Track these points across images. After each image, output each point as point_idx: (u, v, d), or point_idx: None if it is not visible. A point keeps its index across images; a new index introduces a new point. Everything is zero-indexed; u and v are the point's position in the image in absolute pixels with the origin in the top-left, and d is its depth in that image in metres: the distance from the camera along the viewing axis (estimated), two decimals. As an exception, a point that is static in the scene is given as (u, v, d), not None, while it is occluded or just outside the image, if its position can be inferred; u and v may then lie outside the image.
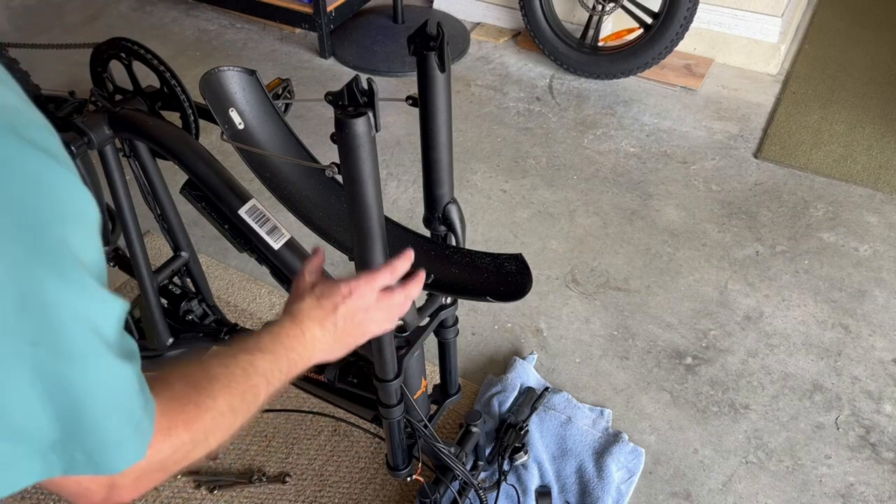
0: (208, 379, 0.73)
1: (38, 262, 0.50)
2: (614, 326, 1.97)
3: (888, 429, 1.73)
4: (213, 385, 0.73)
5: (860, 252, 2.17)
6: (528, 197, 2.38)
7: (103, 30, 3.29)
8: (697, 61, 2.96)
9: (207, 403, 0.70)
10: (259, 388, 0.78)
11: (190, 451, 0.68)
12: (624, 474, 1.62)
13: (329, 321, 0.90)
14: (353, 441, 1.70)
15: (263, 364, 0.80)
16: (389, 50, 3.08)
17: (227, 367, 0.76)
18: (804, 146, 2.57)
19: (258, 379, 0.79)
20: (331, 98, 0.86)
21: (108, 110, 1.24)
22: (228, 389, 0.74)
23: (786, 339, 1.93)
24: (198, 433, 0.68)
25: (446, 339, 1.39)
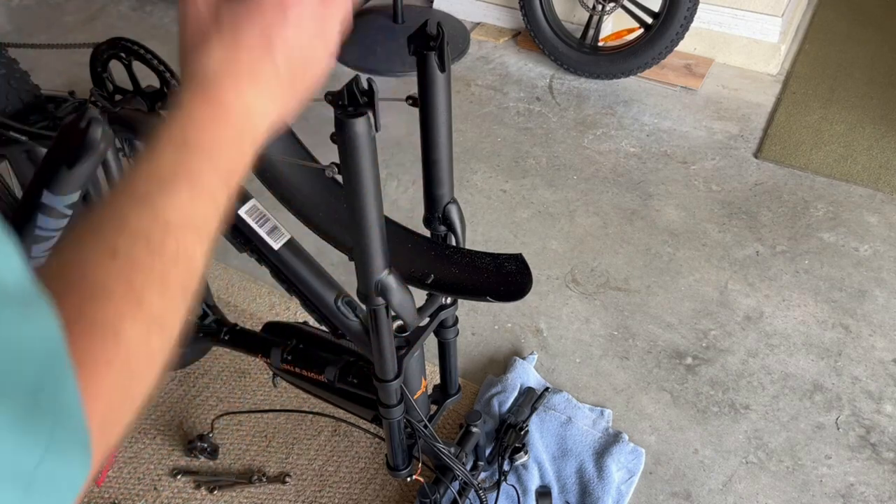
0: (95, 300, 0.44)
1: None
2: (614, 326, 1.97)
3: (888, 429, 1.73)
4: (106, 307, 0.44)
5: (860, 252, 2.17)
6: (528, 197, 2.38)
7: (103, 30, 3.28)
8: (697, 61, 2.96)
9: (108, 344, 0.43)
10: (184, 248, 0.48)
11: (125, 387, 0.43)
12: (624, 474, 1.62)
13: (265, 69, 0.55)
14: (353, 441, 1.70)
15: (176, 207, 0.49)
16: (389, 50, 3.08)
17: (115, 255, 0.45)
18: (804, 146, 2.56)
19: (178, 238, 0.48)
20: (331, 98, 0.86)
21: (107, 110, 1.24)
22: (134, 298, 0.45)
23: (786, 339, 1.93)
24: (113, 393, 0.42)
25: (446, 339, 1.39)
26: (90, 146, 0.95)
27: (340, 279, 1.22)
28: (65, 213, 1.02)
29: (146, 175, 0.50)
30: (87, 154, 0.95)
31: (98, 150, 0.95)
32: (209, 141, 0.52)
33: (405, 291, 1.07)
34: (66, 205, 1.01)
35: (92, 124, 0.94)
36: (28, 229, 1.02)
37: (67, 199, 1.01)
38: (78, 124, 0.95)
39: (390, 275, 1.03)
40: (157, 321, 0.46)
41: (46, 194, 0.99)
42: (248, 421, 1.73)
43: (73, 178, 0.98)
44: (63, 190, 0.99)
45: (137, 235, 0.47)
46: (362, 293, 1.06)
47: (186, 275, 0.49)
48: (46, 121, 1.37)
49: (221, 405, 1.77)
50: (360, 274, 1.04)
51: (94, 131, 0.95)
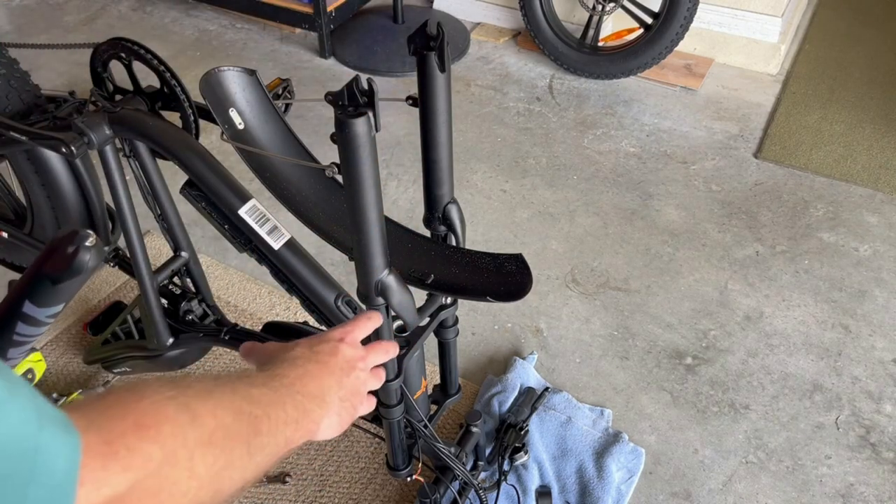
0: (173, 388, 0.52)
1: None
2: (614, 326, 1.97)
3: (888, 429, 1.73)
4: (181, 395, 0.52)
5: (860, 252, 2.17)
6: (528, 197, 2.38)
7: (103, 30, 3.29)
8: (697, 61, 2.96)
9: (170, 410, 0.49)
10: (260, 421, 0.58)
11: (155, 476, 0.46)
12: (624, 474, 1.62)
13: (336, 374, 0.72)
14: (353, 441, 1.70)
15: (260, 395, 0.61)
16: (389, 50, 3.08)
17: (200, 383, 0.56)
18: (804, 146, 2.57)
19: (256, 409, 0.58)
20: (331, 98, 0.86)
21: (108, 110, 1.24)
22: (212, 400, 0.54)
23: (786, 339, 1.93)
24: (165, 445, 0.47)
25: (446, 339, 1.39)
26: (77, 270, 0.93)
27: (340, 279, 1.22)
28: (45, 322, 1.02)
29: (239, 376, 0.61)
30: (73, 276, 0.94)
31: (86, 272, 0.94)
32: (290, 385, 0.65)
33: (405, 291, 1.07)
34: (48, 315, 1.01)
35: (81, 251, 0.93)
36: (6, 334, 1.02)
37: (50, 310, 1.00)
38: (66, 248, 0.93)
39: (390, 275, 1.03)
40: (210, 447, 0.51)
41: (28, 305, 0.99)
42: (248, 421, 1.73)
43: (57, 294, 0.97)
44: (46, 303, 0.98)
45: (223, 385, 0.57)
46: (362, 293, 1.06)
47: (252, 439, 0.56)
48: (47, 121, 1.37)
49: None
50: (360, 274, 1.04)
51: (83, 257, 0.93)
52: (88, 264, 0.91)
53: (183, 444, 0.48)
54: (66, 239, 0.93)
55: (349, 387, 0.73)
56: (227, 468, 0.53)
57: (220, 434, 0.52)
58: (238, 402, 0.57)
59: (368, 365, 0.79)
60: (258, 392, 0.61)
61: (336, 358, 0.73)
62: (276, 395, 0.63)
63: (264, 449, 0.58)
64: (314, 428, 0.68)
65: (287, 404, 0.63)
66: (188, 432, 0.49)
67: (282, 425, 0.61)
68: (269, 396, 0.62)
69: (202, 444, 0.50)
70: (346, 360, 0.74)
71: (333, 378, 0.71)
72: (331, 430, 0.71)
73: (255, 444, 0.56)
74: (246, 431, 0.56)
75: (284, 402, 0.63)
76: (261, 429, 0.58)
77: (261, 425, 0.58)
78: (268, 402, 0.61)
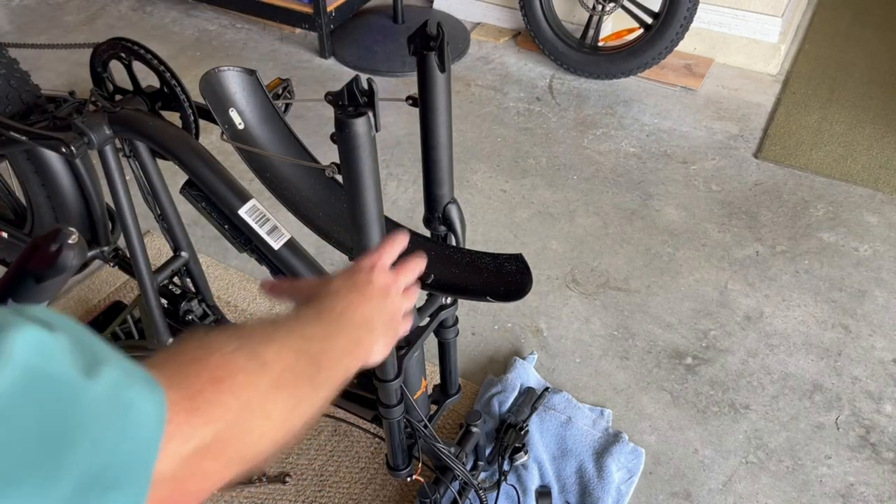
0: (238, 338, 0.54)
1: None
2: (614, 326, 1.97)
3: (888, 429, 1.73)
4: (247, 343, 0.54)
5: (860, 252, 2.17)
6: (528, 197, 2.38)
7: (103, 30, 3.28)
8: (697, 61, 2.96)
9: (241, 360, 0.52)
10: (320, 357, 0.61)
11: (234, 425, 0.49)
12: (624, 474, 1.62)
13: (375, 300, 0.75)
14: (353, 441, 1.70)
15: (315, 333, 0.63)
16: (389, 50, 3.08)
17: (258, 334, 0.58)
18: (804, 146, 2.57)
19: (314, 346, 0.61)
20: (331, 98, 0.86)
21: (108, 110, 1.24)
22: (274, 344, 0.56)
23: (786, 339, 1.93)
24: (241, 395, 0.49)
25: (446, 339, 1.39)
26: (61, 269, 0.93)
27: (340, 279, 1.22)
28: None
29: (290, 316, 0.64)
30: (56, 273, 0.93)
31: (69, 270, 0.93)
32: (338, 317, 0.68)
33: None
34: None
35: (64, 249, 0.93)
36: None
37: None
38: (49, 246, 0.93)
39: (390, 275, 1.03)
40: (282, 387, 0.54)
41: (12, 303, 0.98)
42: (248, 421, 1.73)
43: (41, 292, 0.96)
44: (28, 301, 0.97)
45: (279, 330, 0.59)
46: (362, 293, 1.06)
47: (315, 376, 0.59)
48: (47, 121, 1.36)
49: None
50: (360, 274, 1.04)
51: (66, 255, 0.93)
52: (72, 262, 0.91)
53: (256, 391, 0.51)
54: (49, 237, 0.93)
55: (388, 311, 0.77)
56: (296, 407, 0.56)
57: (286, 376, 0.55)
58: (297, 342, 0.60)
59: (401, 287, 0.82)
60: (312, 330, 0.64)
61: (372, 286, 0.76)
62: (330, 330, 0.66)
63: (327, 382, 0.62)
64: (367, 354, 0.72)
65: (340, 336, 0.67)
66: (259, 379, 0.52)
67: (339, 357, 0.65)
68: (324, 332, 0.65)
69: (273, 389, 0.53)
70: (381, 287, 0.77)
71: (374, 304, 0.74)
72: (380, 354, 0.75)
73: (318, 380, 0.60)
74: (309, 369, 0.59)
75: (338, 335, 0.67)
76: (322, 364, 0.61)
77: (321, 361, 0.61)
78: (323, 337, 0.64)
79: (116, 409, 0.38)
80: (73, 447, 0.36)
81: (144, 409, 0.41)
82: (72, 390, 0.36)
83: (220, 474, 0.49)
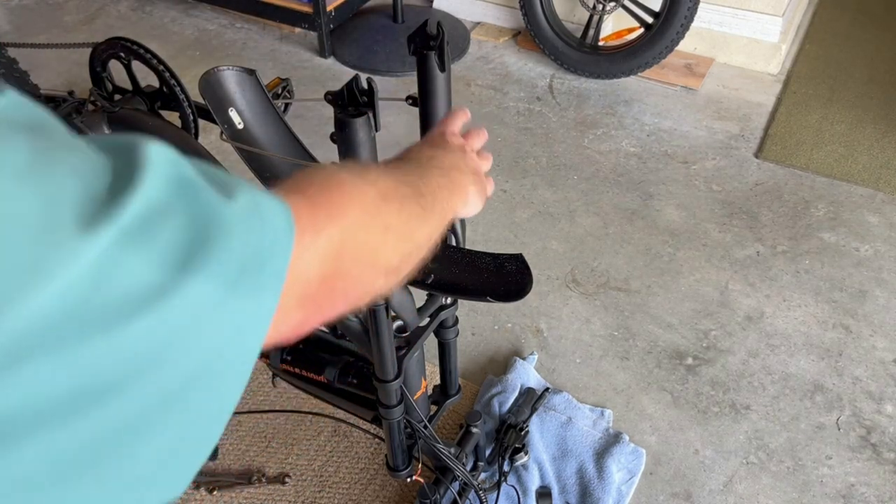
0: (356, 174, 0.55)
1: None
2: (615, 327, 1.96)
3: (889, 429, 1.73)
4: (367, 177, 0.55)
5: (861, 252, 2.17)
6: (528, 197, 2.38)
7: (102, 30, 3.28)
8: (698, 61, 2.96)
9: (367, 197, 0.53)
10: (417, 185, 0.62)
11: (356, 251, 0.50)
12: (624, 475, 1.62)
13: (458, 154, 0.77)
14: (353, 441, 1.69)
15: (407, 170, 0.66)
16: (389, 50, 3.07)
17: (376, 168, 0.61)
18: (805, 146, 2.56)
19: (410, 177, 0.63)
20: (331, 98, 0.86)
21: (107, 110, 1.24)
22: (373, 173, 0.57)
23: (786, 339, 1.92)
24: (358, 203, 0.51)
25: (446, 340, 1.38)
26: None
27: (340, 279, 1.22)
28: None
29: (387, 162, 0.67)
30: None
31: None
32: (428, 160, 0.70)
33: (405, 291, 1.07)
34: None
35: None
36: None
37: None
38: None
39: (390, 275, 1.03)
40: (404, 213, 0.57)
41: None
42: (247, 421, 1.73)
43: None
44: None
45: (389, 168, 0.62)
46: (362, 293, 1.06)
47: (429, 209, 0.61)
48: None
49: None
50: (359, 274, 1.03)
51: None
52: None
53: (367, 198, 0.53)
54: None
55: (472, 165, 0.78)
56: (409, 221, 0.58)
57: (392, 193, 0.57)
58: (396, 174, 0.61)
59: (475, 148, 0.84)
60: (405, 168, 0.66)
61: (449, 143, 0.78)
62: (422, 170, 0.68)
63: (434, 206, 0.62)
64: (463, 195, 0.73)
65: (434, 174, 0.68)
66: (368, 189, 0.54)
67: (436, 189, 0.65)
68: (416, 171, 0.67)
69: (382, 200, 0.55)
70: (459, 144, 0.79)
71: (457, 156, 0.76)
72: (476, 200, 0.76)
73: (423, 202, 0.61)
74: (412, 192, 0.60)
75: (431, 173, 0.68)
76: (423, 191, 0.62)
77: (421, 189, 0.62)
78: (417, 174, 0.65)
79: (255, 214, 0.40)
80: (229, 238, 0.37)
81: (276, 211, 0.42)
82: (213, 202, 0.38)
83: (362, 277, 0.51)
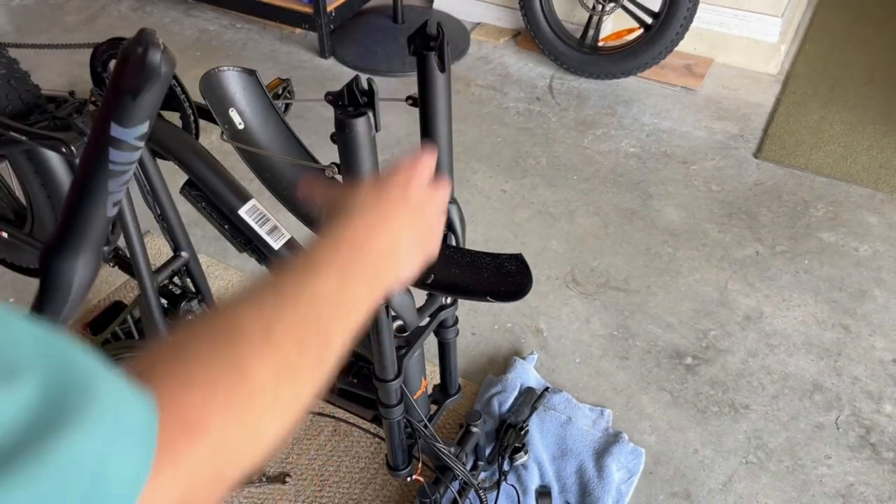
0: (228, 338, 0.46)
1: None
2: (614, 326, 1.97)
3: (888, 429, 1.73)
4: (237, 347, 0.46)
5: (860, 252, 2.17)
6: (528, 197, 2.38)
7: (103, 30, 3.28)
8: (697, 61, 2.96)
9: (233, 380, 0.44)
10: (330, 323, 0.54)
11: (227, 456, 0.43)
12: (624, 474, 1.62)
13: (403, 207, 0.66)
14: (353, 441, 1.70)
15: (325, 287, 0.55)
16: (389, 50, 3.08)
17: (262, 310, 0.50)
18: (804, 146, 2.56)
19: (325, 312, 0.53)
20: (331, 98, 0.86)
21: (108, 110, 1.24)
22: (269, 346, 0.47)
23: (786, 339, 1.93)
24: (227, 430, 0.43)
25: (446, 339, 1.39)
26: (151, 73, 0.90)
27: (340, 279, 1.22)
28: (136, 146, 1.00)
29: (301, 262, 0.57)
30: (150, 82, 0.91)
31: (160, 75, 0.91)
32: (359, 244, 0.60)
33: (405, 291, 1.07)
34: (136, 136, 0.99)
35: (150, 49, 0.90)
36: (101, 165, 1.00)
37: (136, 130, 0.98)
38: (135, 50, 0.90)
39: (390, 275, 1.03)
40: (288, 371, 0.48)
41: (115, 128, 0.96)
42: (248, 421, 1.73)
43: (140, 109, 0.94)
44: (131, 122, 0.95)
45: (286, 299, 0.52)
46: (362, 293, 1.06)
47: (324, 345, 0.53)
48: (47, 121, 1.36)
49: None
50: (360, 274, 1.03)
51: (153, 56, 0.90)
52: (160, 67, 0.88)
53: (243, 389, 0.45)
54: (132, 44, 0.90)
55: (421, 228, 0.69)
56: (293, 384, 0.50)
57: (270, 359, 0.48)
58: (303, 312, 0.52)
59: (438, 204, 0.73)
60: (322, 282, 0.55)
61: (407, 203, 0.67)
62: (346, 274, 0.58)
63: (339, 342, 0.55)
64: (389, 285, 0.64)
65: (357, 280, 0.59)
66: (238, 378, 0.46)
67: (355, 306, 0.58)
68: (337, 282, 0.56)
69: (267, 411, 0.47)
70: (417, 204, 0.69)
71: (405, 221, 0.66)
72: (405, 279, 0.68)
73: (327, 352, 0.54)
74: (316, 350, 0.52)
75: (355, 278, 0.58)
76: (332, 331, 0.54)
77: (332, 327, 0.54)
78: (336, 289, 0.56)
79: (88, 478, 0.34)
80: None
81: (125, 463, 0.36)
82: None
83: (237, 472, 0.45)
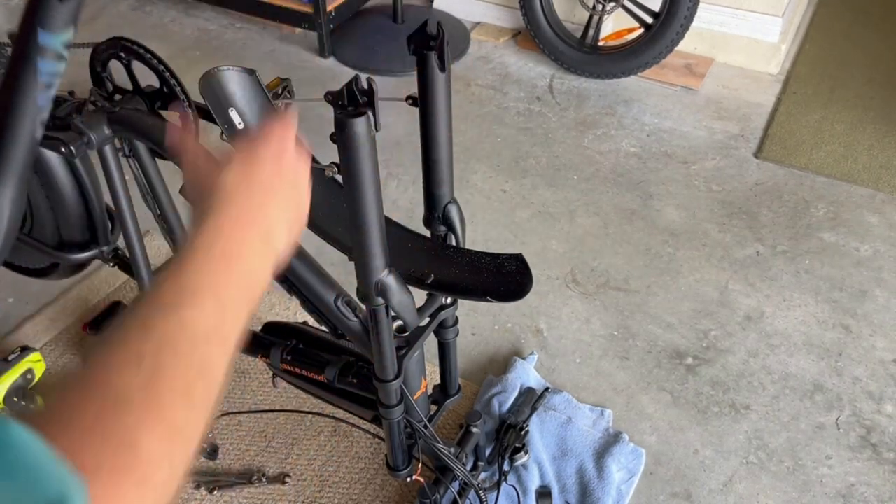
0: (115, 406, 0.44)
1: None
2: (614, 326, 1.96)
3: (889, 429, 1.73)
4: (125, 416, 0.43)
5: (861, 252, 2.17)
6: (528, 197, 2.38)
7: (103, 29, 3.28)
8: (698, 61, 2.96)
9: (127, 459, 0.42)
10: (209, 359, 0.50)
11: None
12: (624, 475, 1.62)
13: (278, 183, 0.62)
14: (353, 441, 1.69)
15: (203, 318, 0.51)
16: (389, 50, 3.07)
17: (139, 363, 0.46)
18: (805, 146, 2.56)
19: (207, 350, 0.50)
20: (331, 98, 0.86)
21: (107, 110, 1.24)
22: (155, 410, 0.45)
23: (786, 339, 1.92)
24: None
25: (446, 340, 1.39)
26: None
27: (340, 279, 1.22)
28: (62, 55, 0.98)
29: (174, 285, 0.52)
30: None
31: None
32: (235, 248, 0.55)
33: (405, 291, 1.07)
34: (63, 43, 0.97)
35: None
36: (30, 77, 0.98)
37: (62, 36, 0.96)
38: None
39: (390, 275, 1.03)
40: (179, 433, 0.46)
41: (42, 33, 0.95)
42: (247, 421, 1.73)
43: (66, 12, 0.94)
44: (58, 27, 0.94)
45: (164, 343, 0.48)
46: (362, 293, 1.06)
47: (210, 386, 0.50)
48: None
49: (221, 405, 1.77)
50: (360, 274, 1.04)
51: None
52: None
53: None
54: None
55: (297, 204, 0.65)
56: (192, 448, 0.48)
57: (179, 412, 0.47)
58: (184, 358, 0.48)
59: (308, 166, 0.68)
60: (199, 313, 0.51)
61: (280, 180, 0.63)
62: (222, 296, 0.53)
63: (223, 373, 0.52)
64: (266, 279, 0.60)
65: (234, 297, 0.54)
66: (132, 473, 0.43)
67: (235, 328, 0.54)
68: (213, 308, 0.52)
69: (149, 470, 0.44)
70: (292, 180, 0.64)
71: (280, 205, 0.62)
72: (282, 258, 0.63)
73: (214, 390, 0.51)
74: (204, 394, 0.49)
75: (232, 298, 0.54)
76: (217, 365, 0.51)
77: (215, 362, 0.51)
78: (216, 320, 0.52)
79: None
80: None
81: None
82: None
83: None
